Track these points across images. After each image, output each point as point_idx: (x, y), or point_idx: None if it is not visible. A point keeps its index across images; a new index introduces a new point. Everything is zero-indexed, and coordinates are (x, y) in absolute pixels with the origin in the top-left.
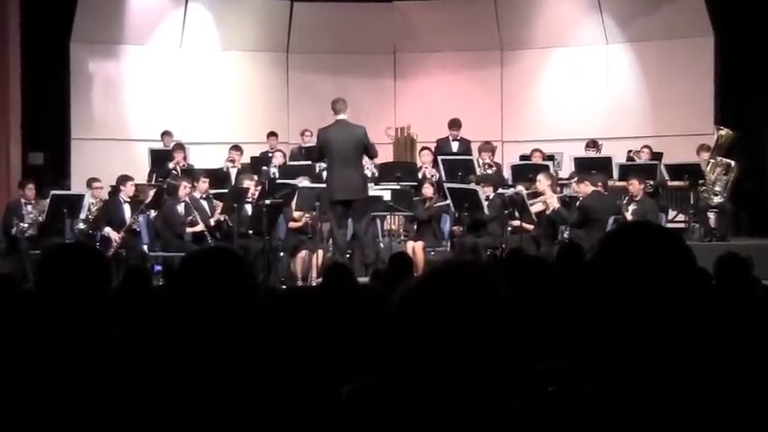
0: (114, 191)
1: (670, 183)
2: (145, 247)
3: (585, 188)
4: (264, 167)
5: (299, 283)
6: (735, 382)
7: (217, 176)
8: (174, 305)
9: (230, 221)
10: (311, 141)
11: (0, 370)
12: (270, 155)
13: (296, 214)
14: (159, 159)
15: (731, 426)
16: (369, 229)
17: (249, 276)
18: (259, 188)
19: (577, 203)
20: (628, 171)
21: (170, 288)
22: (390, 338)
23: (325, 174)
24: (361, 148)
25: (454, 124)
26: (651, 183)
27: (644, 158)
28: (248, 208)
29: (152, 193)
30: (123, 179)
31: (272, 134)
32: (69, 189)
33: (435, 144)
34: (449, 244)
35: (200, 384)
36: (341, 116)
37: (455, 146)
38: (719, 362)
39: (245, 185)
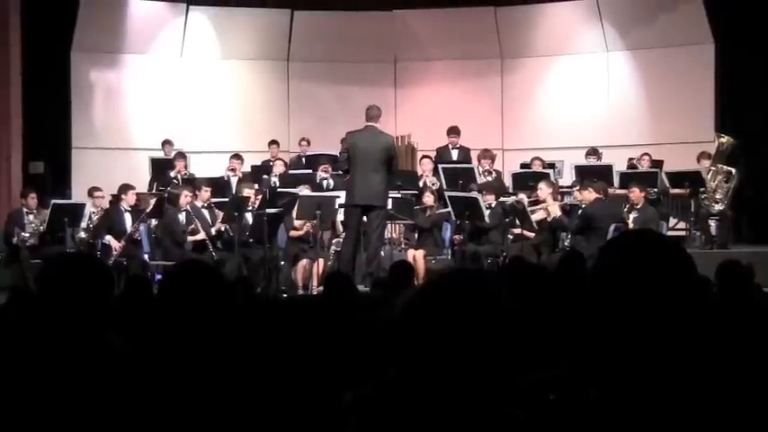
0: (116, 200)
1: (671, 190)
2: (146, 256)
3: (588, 195)
4: (265, 176)
5: (300, 291)
6: (736, 389)
7: (217, 185)
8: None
9: (231, 230)
10: (309, 150)
11: (2, 378)
12: (271, 163)
13: (297, 223)
14: (160, 168)
15: None
16: (379, 239)
17: (221, 289)
18: (260, 197)
19: (580, 211)
20: (628, 179)
21: (160, 301)
22: (393, 346)
23: (325, 183)
24: (386, 157)
25: (452, 131)
26: (654, 190)
27: (645, 166)
28: (249, 217)
29: (153, 201)
30: (125, 188)
31: (273, 142)
32: (70, 198)
33: (435, 152)
34: (450, 252)
35: (201, 392)
36: (371, 123)
37: (455, 154)
38: (721, 370)
39: (245, 194)
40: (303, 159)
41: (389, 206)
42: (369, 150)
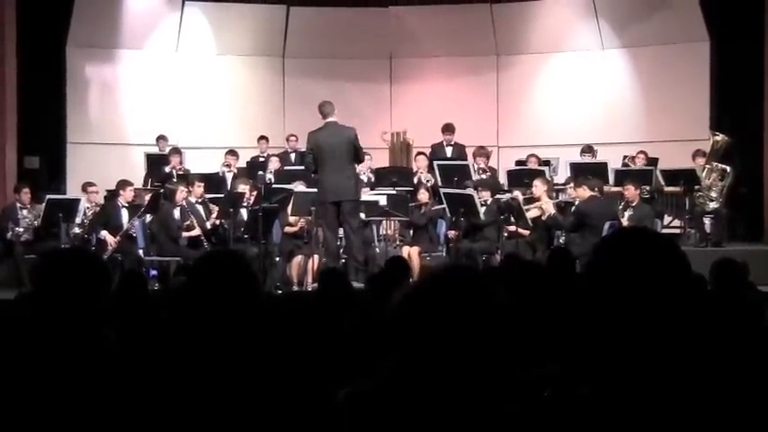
0: (112, 195)
1: (666, 188)
2: (140, 252)
3: (583, 192)
4: (260, 172)
5: (295, 288)
6: (730, 387)
7: (212, 181)
8: (179, 309)
9: (226, 226)
10: (296, 145)
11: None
12: (261, 159)
13: (291, 219)
14: (155, 164)
15: (727, 430)
16: (359, 232)
17: (253, 280)
18: (255, 193)
19: (573, 208)
20: (623, 176)
21: (180, 291)
22: (388, 342)
23: None
24: (352, 149)
25: (447, 129)
26: (648, 188)
27: (640, 164)
28: (244, 212)
29: (148, 197)
30: (123, 184)
31: (262, 138)
32: (65, 193)
33: (430, 149)
34: (444, 249)
35: (196, 388)
36: (330, 119)
37: (449, 151)
38: (715, 367)
39: (240, 190)
40: (292, 156)
41: (384, 202)
42: (333, 147)
